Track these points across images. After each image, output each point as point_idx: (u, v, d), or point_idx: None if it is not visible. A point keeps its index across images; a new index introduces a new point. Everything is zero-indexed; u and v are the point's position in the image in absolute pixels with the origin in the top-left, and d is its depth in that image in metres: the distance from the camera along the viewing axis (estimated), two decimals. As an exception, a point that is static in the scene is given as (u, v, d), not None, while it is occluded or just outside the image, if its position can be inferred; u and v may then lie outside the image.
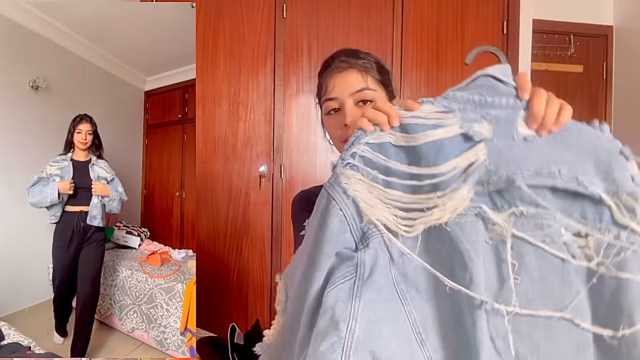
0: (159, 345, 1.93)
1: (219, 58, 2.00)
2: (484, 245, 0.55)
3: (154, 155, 3.41)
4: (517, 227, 0.55)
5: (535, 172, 0.54)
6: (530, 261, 0.54)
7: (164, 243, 2.81)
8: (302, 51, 2.02)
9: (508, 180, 0.54)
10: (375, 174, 0.59)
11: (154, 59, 2.98)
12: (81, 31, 2.54)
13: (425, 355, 0.54)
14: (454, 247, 0.55)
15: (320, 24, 2.03)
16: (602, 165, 0.53)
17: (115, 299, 2.12)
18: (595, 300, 0.53)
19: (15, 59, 2.20)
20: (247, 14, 2.01)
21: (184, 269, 2.17)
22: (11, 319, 1.94)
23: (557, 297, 0.53)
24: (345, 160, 0.60)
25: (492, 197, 0.56)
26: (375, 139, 0.59)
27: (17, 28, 2.19)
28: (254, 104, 2.02)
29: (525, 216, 0.55)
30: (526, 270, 0.54)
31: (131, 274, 2.11)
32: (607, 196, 0.53)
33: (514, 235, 0.54)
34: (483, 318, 0.53)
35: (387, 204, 0.58)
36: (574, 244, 0.53)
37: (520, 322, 0.54)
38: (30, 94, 2.30)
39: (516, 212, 0.55)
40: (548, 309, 0.53)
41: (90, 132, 1.92)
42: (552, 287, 0.53)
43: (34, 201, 1.79)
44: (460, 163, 0.56)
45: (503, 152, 0.55)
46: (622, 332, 0.52)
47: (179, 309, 1.86)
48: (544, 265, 0.54)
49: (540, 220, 0.54)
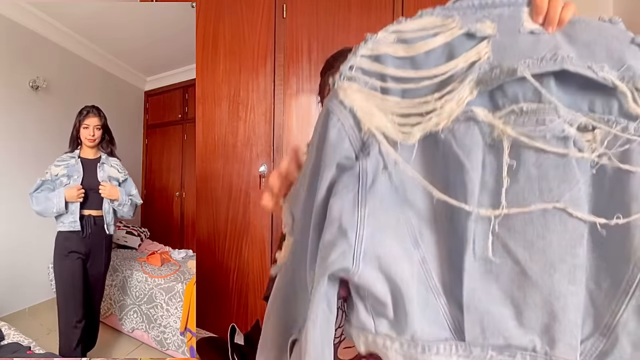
0: (159, 345, 1.93)
1: (219, 58, 2.00)
2: (483, 149, 0.54)
3: (154, 155, 3.41)
4: (517, 124, 0.53)
5: (540, 59, 0.52)
6: (528, 159, 0.52)
7: (164, 243, 2.81)
8: (302, 51, 2.02)
9: (509, 71, 0.52)
10: (373, 82, 0.58)
11: (154, 59, 2.98)
12: (81, 31, 2.54)
13: (419, 256, 0.56)
14: (447, 153, 0.55)
15: (320, 24, 2.03)
16: (615, 54, 0.51)
17: (115, 299, 2.12)
18: (595, 193, 0.52)
19: (15, 59, 2.20)
20: (247, 14, 2.01)
21: (184, 269, 2.17)
22: (11, 319, 1.94)
23: (556, 192, 0.52)
24: (343, 74, 0.59)
25: (493, 97, 0.55)
26: (373, 50, 0.59)
27: (17, 28, 2.19)
28: (254, 104, 2.02)
29: (526, 112, 0.53)
30: (524, 169, 0.53)
31: (131, 274, 2.11)
32: (620, 82, 0.50)
33: (511, 135, 0.53)
34: (472, 222, 0.54)
35: (385, 112, 0.57)
36: (580, 138, 0.51)
37: (514, 220, 0.53)
38: (30, 94, 2.30)
39: (516, 110, 0.53)
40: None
41: (98, 126, 1.68)
42: (551, 183, 0.52)
43: (39, 209, 1.59)
44: (460, 63, 0.55)
45: (508, 47, 0.54)
46: (615, 221, 0.50)
47: (179, 309, 1.86)
48: (543, 163, 0.52)
49: (542, 116, 0.52)
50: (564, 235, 0.52)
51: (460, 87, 0.55)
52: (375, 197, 0.56)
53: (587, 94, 0.52)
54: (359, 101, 0.58)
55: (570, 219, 0.52)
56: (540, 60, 0.52)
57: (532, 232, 0.53)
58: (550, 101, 0.51)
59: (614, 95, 0.51)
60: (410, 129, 0.56)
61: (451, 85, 0.55)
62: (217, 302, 1.98)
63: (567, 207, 0.51)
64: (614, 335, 0.52)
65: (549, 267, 0.52)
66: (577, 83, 0.52)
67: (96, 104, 1.76)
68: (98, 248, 1.69)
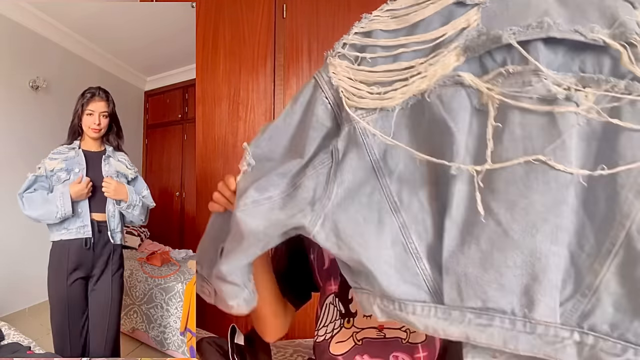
0: (159, 345, 1.93)
1: (219, 58, 2.00)
2: (470, 113, 0.55)
3: (154, 155, 3.41)
4: (504, 86, 0.53)
5: (526, 26, 0.52)
6: (513, 120, 0.52)
7: (164, 243, 2.81)
8: (302, 51, 2.02)
9: (495, 38, 0.53)
10: (362, 56, 0.62)
11: (154, 59, 2.98)
12: (81, 31, 2.54)
13: (398, 222, 0.59)
14: (433, 118, 0.56)
15: (320, 24, 2.03)
16: (607, 11, 0.51)
17: (115, 299, 2.12)
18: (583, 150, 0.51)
19: (16, 59, 2.20)
20: (247, 14, 2.01)
21: (184, 269, 2.17)
22: (11, 319, 1.94)
23: (539, 148, 0.51)
24: (335, 50, 0.64)
25: (482, 62, 0.55)
26: (365, 27, 0.62)
27: (18, 28, 2.19)
28: (254, 104, 2.02)
29: (512, 74, 0.52)
30: (509, 130, 0.52)
31: (131, 274, 2.11)
32: (613, 41, 0.50)
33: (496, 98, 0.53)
34: (455, 183, 0.54)
35: (369, 84, 0.61)
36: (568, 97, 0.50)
37: (497, 181, 0.53)
38: (30, 94, 2.30)
39: (503, 72, 0.53)
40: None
41: (105, 113, 1.35)
42: (535, 142, 0.51)
43: (36, 215, 1.26)
44: (448, 30, 0.56)
45: (498, 13, 0.54)
46: (599, 172, 0.49)
47: (179, 309, 1.86)
48: (528, 123, 0.52)
49: (528, 77, 0.52)
50: (547, 194, 0.51)
51: (445, 53, 0.56)
52: (346, 172, 0.61)
53: (579, 55, 0.52)
54: (345, 81, 0.62)
55: (554, 176, 0.51)
56: (527, 28, 0.52)
57: (514, 192, 0.52)
58: (536, 65, 0.51)
59: (606, 53, 0.51)
60: (393, 94, 0.59)
61: (436, 51, 0.57)
62: (217, 302, 1.98)
63: (549, 160, 0.50)
64: (596, 297, 0.51)
65: (531, 227, 0.51)
66: (567, 45, 0.52)
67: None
68: (103, 264, 1.34)
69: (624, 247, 0.49)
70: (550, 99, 0.50)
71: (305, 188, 0.62)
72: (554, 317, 0.52)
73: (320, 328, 0.90)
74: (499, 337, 0.54)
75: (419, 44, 0.58)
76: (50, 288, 1.33)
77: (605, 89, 0.49)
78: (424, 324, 0.58)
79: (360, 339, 0.87)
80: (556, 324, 0.52)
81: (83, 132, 1.36)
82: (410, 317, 0.58)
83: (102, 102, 1.35)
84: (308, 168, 0.63)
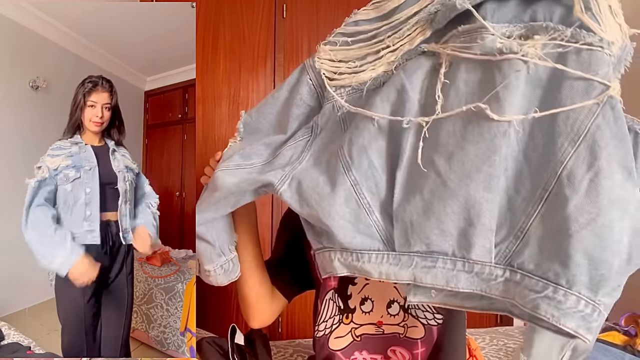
0: (159, 345, 1.93)
1: (219, 58, 2.00)
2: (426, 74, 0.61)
3: (154, 155, 3.41)
4: (454, 44, 0.58)
5: None
6: (459, 76, 0.57)
7: (164, 243, 2.81)
8: (302, 51, 2.02)
9: (451, 7, 0.57)
10: (344, 40, 0.71)
11: (154, 59, 2.98)
12: (81, 31, 2.54)
13: (349, 180, 0.64)
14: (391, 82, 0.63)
15: (320, 24, 2.03)
16: None
17: (115, 299, 2.12)
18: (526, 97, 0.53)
19: (16, 59, 2.20)
20: (247, 14, 2.01)
21: (184, 269, 2.17)
22: (11, 319, 1.94)
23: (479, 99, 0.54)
24: (327, 39, 0.73)
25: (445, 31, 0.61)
26: (351, 18, 0.72)
27: (17, 28, 2.19)
28: (254, 104, 2.00)
29: (462, 32, 0.57)
30: (455, 87, 0.57)
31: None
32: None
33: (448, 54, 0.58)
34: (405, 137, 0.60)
35: (347, 61, 0.70)
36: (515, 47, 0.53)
37: (440, 134, 0.57)
38: (30, 94, 2.30)
39: (455, 33, 0.58)
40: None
41: (108, 105, 1.22)
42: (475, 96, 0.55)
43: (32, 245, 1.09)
44: (414, 8, 0.63)
45: None
46: (532, 115, 0.52)
47: (179, 309, 1.86)
48: (472, 78, 0.56)
49: (475, 34, 0.55)
50: (481, 144, 0.54)
51: (408, 27, 0.63)
52: (318, 142, 0.71)
53: (530, 6, 0.55)
54: (327, 64, 0.72)
55: (487, 127, 0.54)
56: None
57: (453, 144, 0.56)
58: (481, 22, 0.55)
59: (558, 3, 0.54)
60: (366, 66, 0.67)
61: (400, 26, 0.64)
62: (217, 302, 1.98)
63: (486, 109, 0.53)
64: (526, 238, 0.55)
65: (465, 177, 0.55)
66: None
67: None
68: (119, 267, 1.22)
69: (554, 192, 0.52)
70: (496, 50, 0.54)
71: (283, 156, 0.71)
72: (489, 257, 0.57)
73: (320, 323, 0.91)
74: (442, 277, 0.59)
75: (388, 24, 0.66)
76: (64, 309, 1.15)
77: (552, 37, 0.52)
78: (378, 271, 0.63)
79: (359, 334, 0.89)
80: (491, 264, 0.57)
81: (83, 126, 1.22)
82: (366, 265, 0.64)
83: (105, 94, 1.23)
84: (290, 140, 0.73)
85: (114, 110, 1.27)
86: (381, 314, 0.89)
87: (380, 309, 0.89)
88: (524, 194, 0.55)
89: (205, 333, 1.52)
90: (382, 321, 0.89)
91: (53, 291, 1.36)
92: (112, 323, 1.22)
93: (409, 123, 0.60)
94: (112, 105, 1.25)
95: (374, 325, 0.89)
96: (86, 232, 1.13)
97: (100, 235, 1.14)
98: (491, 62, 0.53)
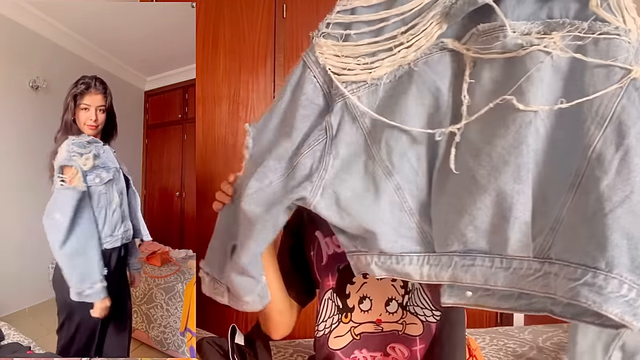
0: (159, 345, 1.93)
1: (219, 58, 2.00)
2: (451, 75, 0.59)
3: (154, 155, 3.41)
4: (476, 44, 0.57)
5: None
6: (484, 75, 0.56)
7: (164, 243, 2.81)
8: (302, 51, 2.02)
9: (471, 1, 0.56)
10: (346, 33, 0.66)
11: (154, 59, 2.98)
12: (81, 31, 2.53)
13: (392, 184, 0.63)
14: (422, 83, 0.60)
15: (320, 24, 2.03)
16: None
17: (115, 299, 2.12)
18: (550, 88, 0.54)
19: (15, 59, 2.20)
20: (247, 14, 2.01)
21: (184, 269, 2.17)
22: (11, 319, 1.94)
23: (506, 92, 0.54)
24: (320, 31, 0.69)
25: (462, 26, 0.59)
26: (346, 5, 0.67)
27: (17, 28, 2.19)
28: (254, 104, 2.02)
29: (482, 32, 0.56)
30: (480, 86, 0.56)
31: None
32: None
33: (471, 55, 0.57)
34: (440, 141, 0.60)
35: (355, 57, 0.65)
36: (536, 42, 0.53)
37: (470, 132, 0.57)
38: (30, 94, 2.30)
39: (475, 32, 0.57)
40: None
41: (102, 107, 1.18)
42: (500, 92, 0.54)
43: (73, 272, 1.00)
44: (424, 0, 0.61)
45: None
46: (558, 105, 0.53)
47: (179, 309, 1.86)
48: (495, 75, 0.56)
49: (496, 33, 0.55)
50: (507, 137, 0.54)
51: (424, 22, 0.60)
52: (340, 145, 0.65)
53: (547, 3, 0.56)
54: (332, 59, 0.66)
55: (512, 118, 0.53)
56: None
57: (480, 140, 0.56)
58: (503, 20, 0.55)
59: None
60: (380, 63, 0.63)
61: (416, 20, 0.60)
62: (217, 302, 1.97)
63: (512, 99, 0.53)
64: (562, 227, 0.54)
65: (494, 170, 0.55)
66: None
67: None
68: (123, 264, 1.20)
69: (585, 177, 0.52)
70: (518, 47, 0.54)
71: (302, 166, 0.66)
72: (527, 252, 0.56)
73: (320, 323, 0.91)
74: (481, 275, 0.58)
75: (398, 16, 0.62)
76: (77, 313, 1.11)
77: (569, 30, 0.53)
78: (419, 273, 0.62)
79: (358, 333, 0.89)
80: (529, 258, 0.56)
81: (76, 130, 1.17)
82: (407, 267, 0.63)
83: (99, 96, 1.18)
84: (303, 147, 0.67)
85: (107, 113, 1.22)
86: (380, 312, 0.89)
87: (378, 307, 0.89)
88: (555, 184, 0.55)
89: (205, 333, 1.52)
90: (381, 319, 0.89)
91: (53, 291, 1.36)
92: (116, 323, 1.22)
93: (441, 135, 0.59)
94: (107, 107, 1.20)
95: (372, 324, 0.89)
96: (117, 235, 1.14)
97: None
98: (514, 57, 0.54)
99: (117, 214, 1.13)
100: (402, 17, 0.62)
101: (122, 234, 1.17)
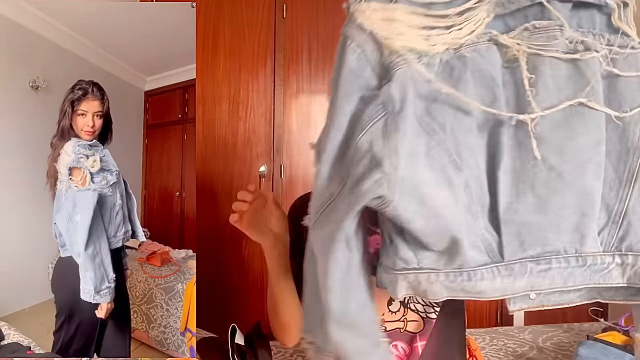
0: (159, 345, 1.93)
1: (219, 58, 2.00)
2: (501, 69, 0.56)
3: (154, 155, 3.41)
4: (530, 41, 0.56)
5: None
6: (544, 71, 0.55)
7: (164, 243, 2.81)
8: (302, 51, 2.02)
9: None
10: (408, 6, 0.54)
11: (154, 59, 2.98)
12: (81, 31, 2.53)
13: (462, 180, 0.54)
14: (476, 70, 0.55)
15: (320, 24, 2.03)
16: None
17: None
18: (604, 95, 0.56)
19: (16, 59, 2.20)
20: (247, 14, 2.01)
21: (184, 269, 2.17)
22: (11, 319, 1.94)
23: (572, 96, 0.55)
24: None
25: (505, 21, 0.57)
26: None
27: (17, 28, 2.19)
28: (254, 104, 2.02)
29: (537, 29, 0.56)
30: (543, 82, 0.55)
31: (131, 274, 2.11)
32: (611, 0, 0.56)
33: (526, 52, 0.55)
34: (506, 133, 0.55)
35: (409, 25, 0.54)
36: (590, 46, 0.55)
37: (542, 128, 0.54)
38: (30, 94, 2.30)
39: (529, 27, 0.56)
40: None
41: (100, 113, 1.18)
42: (567, 90, 0.55)
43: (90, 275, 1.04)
44: None
45: None
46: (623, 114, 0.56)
47: (179, 309, 1.87)
48: (558, 73, 0.55)
49: (552, 32, 0.55)
50: (589, 134, 0.55)
51: (478, 7, 0.56)
52: (406, 122, 0.52)
53: (578, 12, 0.57)
54: (379, 23, 0.54)
55: (592, 117, 0.55)
56: None
57: (561, 137, 0.55)
58: (559, 18, 0.55)
59: (599, 11, 0.57)
60: (436, 40, 0.54)
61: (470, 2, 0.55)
62: (217, 302, 1.98)
63: (587, 102, 0.54)
64: (627, 221, 0.57)
65: (580, 168, 0.55)
66: (571, 3, 0.57)
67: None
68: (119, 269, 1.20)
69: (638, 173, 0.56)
70: (572, 51, 0.55)
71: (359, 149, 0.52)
72: (597, 247, 0.57)
73: None
74: (559, 278, 0.56)
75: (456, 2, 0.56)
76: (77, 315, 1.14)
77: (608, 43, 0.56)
78: (492, 288, 0.55)
79: None
80: (600, 253, 0.57)
81: (73, 135, 1.18)
82: (479, 284, 0.55)
83: (96, 102, 1.18)
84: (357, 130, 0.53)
85: (104, 118, 1.22)
86: (382, 312, 0.89)
87: (381, 307, 0.89)
88: (610, 181, 0.57)
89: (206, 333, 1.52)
90: (384, 318, 0.89)
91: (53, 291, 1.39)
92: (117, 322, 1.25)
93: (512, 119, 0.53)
94: (104, 112, 1.20)
95: None
96: (119, 236, 1.17)
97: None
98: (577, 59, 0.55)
99: (120, 216, 1.16)
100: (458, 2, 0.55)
101: (123, 234, 1.20)
